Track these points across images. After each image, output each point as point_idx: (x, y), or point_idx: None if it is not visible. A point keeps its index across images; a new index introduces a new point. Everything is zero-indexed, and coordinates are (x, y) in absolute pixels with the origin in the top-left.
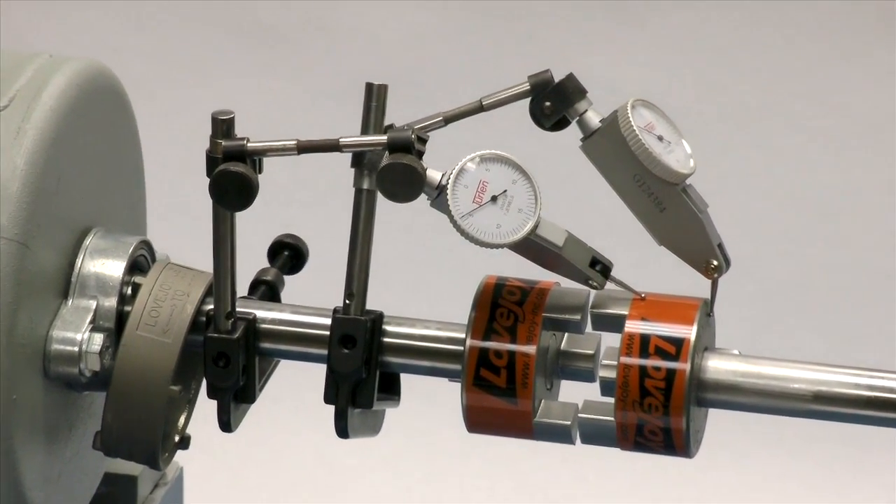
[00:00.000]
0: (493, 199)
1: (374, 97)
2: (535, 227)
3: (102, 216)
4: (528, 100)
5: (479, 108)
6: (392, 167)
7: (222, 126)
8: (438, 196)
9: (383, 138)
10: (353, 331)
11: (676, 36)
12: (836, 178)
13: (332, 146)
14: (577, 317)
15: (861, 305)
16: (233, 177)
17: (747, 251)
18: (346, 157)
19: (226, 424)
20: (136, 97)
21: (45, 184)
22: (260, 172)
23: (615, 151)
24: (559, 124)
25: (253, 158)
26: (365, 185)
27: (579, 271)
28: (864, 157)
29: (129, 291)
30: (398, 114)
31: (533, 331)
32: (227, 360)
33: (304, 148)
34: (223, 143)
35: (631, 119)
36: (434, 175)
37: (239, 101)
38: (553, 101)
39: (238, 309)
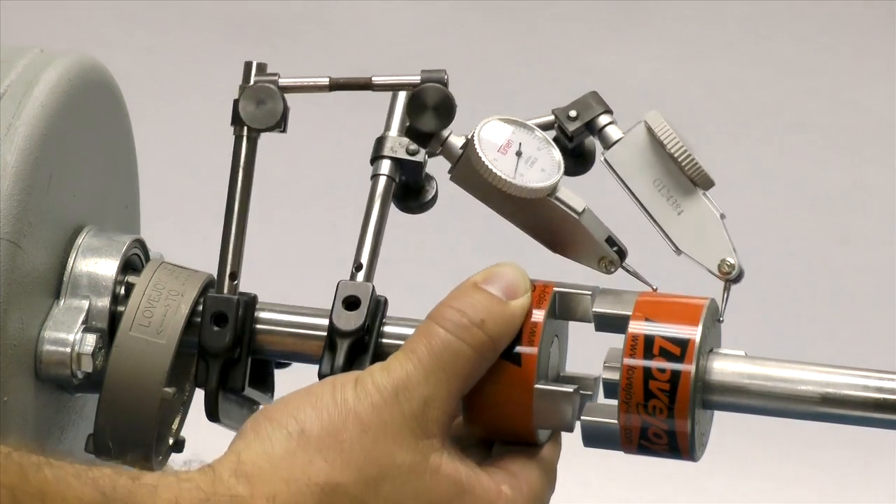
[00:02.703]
0: (518, 154)
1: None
2: (557, 185)
3: (95, 214)
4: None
5: None
6: (425, 89)
7: (252, 71)
8: (459, 160)
9: (416, 77)
10: (359, 293)
11: (684, 31)
12: (846, 177)
13: (365, 84)
14: (588, 293)
15: (870, 306)
16: (258, 89)
17: (754, 250)
18: (344, 157)
19: (212, 415)
20: (129, 92)
21: (36, 181)
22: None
23: (637, 159)
24: (581, 163)
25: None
26: (384, 171)
27: (595, 246)
28: (875, 156)
29: (123, 291)
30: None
31: (546, 290)
32: (225, 320)
33: (336, 85)
34: (254, 78)
35: (666, 122)
36: (456, 140)
37: (234, 96)
38: (578, 110)
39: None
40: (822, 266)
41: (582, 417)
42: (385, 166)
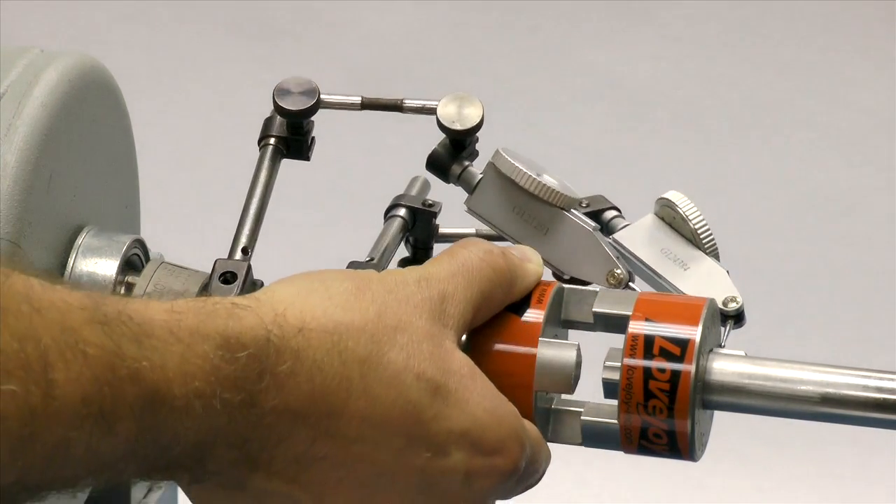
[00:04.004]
0: (538, 175)
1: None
2: (576, 202)
3: (95, 214)
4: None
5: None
6: (456, 94)
7: None
8: (479, 183)
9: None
10: (370, 268)
11: (684, 31)
12: (844, 176)
13: (395, 106)
14: (596, 288)
15: (870, 306)
16: (297, 79)
17: (753, 250)
18: (342, 160)
19: None
20: (130, 92)
21: (37, 181)
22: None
23: (645, 236)
24: None
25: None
26: (399, 214)
27: (606, 261)
28: (873, 155)
29: (123, 291)
30: None
31: (549, 285)
32: (234, 277)
33: (368, 105)
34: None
35: (688, 199)
36: (474, 171)
37: (234, 96)
38: (589, 201)
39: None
40: (822, 266)
41: (582, 417)
42: (400, 210)
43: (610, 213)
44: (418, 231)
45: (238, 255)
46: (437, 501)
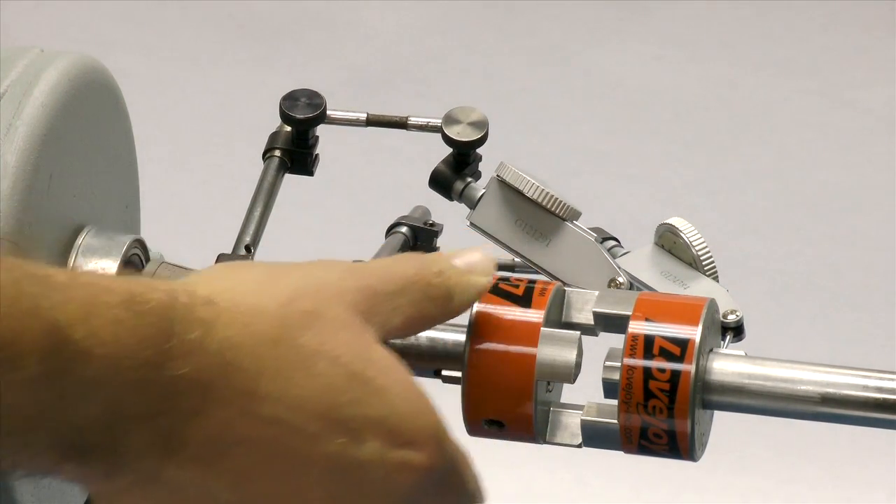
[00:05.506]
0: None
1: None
2: (578, 213)
3: (95, 214)
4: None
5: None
6: (459, 108)
7: None
8: (482, 197)
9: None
10: None
11: (684, 31)
12: (844, 176)
13: (400, 123)
14: (596, 291)
15: (870, 306)
16: (304, 90)
17: (753, 250)
18: (341, 160)
19: None
20: (130, 92)
21: (37, 181)
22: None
23: (645, 261)
24: None
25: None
26: (401, 231)
27: (608, 269)
28: (872, 155)
29: None
30: (397, 108)
31: (548, 285)
32: None
33: (373, 121)
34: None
35: (692, 225)
36: (477, 187)
37: (234, 96)
38: (591, 230)
39: None
40: (822, 266)
41: (581, 417)
42: (402, 228)
43: (609, 243)
44: (422, 243)
45: (241, 252)
46: (355, 494)
